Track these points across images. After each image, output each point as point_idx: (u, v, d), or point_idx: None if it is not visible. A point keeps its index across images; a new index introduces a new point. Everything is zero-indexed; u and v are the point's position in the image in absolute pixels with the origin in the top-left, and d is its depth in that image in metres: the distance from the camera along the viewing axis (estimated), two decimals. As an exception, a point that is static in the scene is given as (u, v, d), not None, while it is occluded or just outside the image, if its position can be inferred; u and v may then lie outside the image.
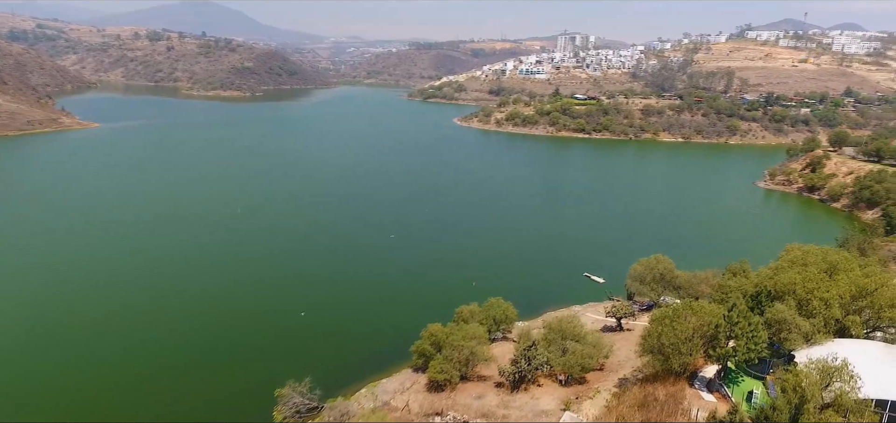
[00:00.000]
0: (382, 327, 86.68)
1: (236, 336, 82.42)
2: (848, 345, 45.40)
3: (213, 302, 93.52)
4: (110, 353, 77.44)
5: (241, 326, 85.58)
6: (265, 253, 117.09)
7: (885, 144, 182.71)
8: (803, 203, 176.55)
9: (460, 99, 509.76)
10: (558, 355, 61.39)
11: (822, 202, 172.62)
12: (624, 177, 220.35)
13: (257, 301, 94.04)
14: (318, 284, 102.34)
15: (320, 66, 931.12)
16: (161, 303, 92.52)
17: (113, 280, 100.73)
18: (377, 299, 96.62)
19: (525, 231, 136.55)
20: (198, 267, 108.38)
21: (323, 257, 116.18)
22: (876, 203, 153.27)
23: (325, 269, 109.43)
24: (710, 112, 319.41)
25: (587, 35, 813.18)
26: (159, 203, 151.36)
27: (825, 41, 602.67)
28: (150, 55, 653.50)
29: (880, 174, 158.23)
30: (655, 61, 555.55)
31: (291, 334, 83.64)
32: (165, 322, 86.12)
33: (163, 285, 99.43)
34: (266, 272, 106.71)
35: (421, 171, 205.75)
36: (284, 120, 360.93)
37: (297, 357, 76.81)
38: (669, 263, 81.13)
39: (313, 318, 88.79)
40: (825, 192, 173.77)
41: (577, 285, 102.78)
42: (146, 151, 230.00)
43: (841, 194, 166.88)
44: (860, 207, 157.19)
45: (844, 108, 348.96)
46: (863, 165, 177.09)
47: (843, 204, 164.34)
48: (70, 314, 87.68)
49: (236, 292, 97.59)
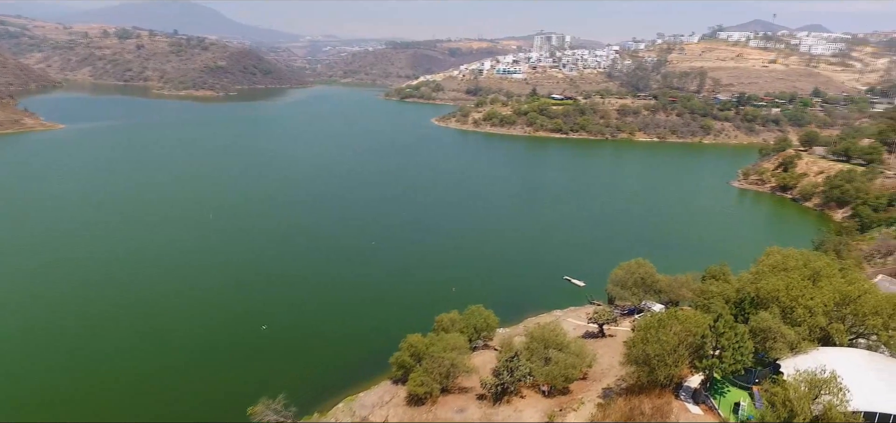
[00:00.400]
0: (360, 335, 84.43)
1: (205, 347, 79.24)
2: (832, 354, 45.00)
3: (179, 310, 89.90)
4: (66, 362, 73.82)
5: (210, 335, 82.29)
6: (237, 258, 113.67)
7: (853, 145, 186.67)
8: (776, 202, 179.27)
9: (438, 99, 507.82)
10: (541, 365, 60.12)
11: (794, 201, 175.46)
12: (601, 177, 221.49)
13: (228, 309, 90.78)
14: (292, 289, 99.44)
15: (296, 66, 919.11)
16: (121, 312, 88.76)
17: (71, 287, 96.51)
18: (354, 305, 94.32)
19: (504, 233, 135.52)
20: (164, 273, 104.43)
21: (298, 261, 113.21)
22: (846, 202, 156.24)
23: (300, 274, 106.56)
24: (685, 112, 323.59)
25: (563, 35, 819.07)
26: (126, 206, 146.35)
27: (793, 42, 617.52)
28: (119, 53, 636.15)
29: (850, 174, 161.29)
30: (630, 61, 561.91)
31: (264, 343, 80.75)
32: (124, 332, 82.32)
33: (125, 292, 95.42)
34: (238, 278, 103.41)
35: (398, 171, 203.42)
36: (259, 120, 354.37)
37: (271, 368, 74.12)
38: (650, 267, 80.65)
39: (288, 326, 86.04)
40: (797, 191, 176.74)
41: (557, 289, 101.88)
42: (113, 152, 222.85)
43: (812, 194, 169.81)
44: (831, 207, 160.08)
45: (813, 107, 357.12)
46: (833, 165, 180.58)
47: (815, 203, 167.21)
48: (15, 322, 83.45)
49: (206, 299, 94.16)
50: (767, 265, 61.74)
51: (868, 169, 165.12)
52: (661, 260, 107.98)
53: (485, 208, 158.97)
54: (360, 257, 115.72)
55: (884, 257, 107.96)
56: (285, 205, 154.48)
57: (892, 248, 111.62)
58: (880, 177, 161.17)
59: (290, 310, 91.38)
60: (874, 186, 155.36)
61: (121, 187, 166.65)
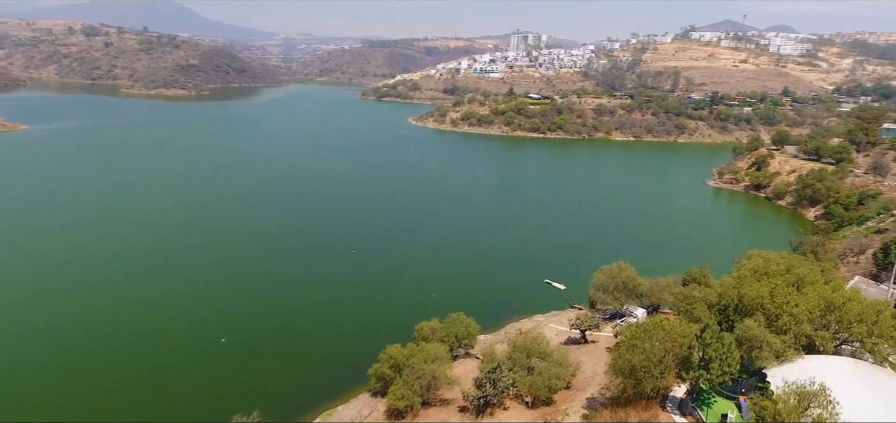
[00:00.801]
0: (337, 344, 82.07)
1: (175, 357, 75.91)
2: (819, 362, 44.61)
3: (142, 318, 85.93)
4: (25, 371, 70.00)
5: (180, 345, 78.92)
6: (208, 263, 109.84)
7: (823, 144, 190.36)
8: (750, 201, 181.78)
9: (415, 98, 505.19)
10: (524, 375, 58.78)
11: (767, 200, 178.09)
12: (579, 177, 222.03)
13: (197, 317, 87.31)
14: (264, 296, 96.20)
15: (270, 64, 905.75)
16: (85, 318, 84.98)
17: (30, 291, 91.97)
18: (331, 312, 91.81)
19: (483, 235, 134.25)
20: (128, 278, 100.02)
21: (271, 265, 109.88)
22: (818, 201, 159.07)
23: (273, 279, 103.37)
24: (660, 111, 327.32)
25: (539, 34, 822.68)
26: (91, 209, 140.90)
27: (762, 42, 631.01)
28: (86, 51, 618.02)
29: (821, 173, 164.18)
30: (606, 61, 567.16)
31: (236, 355, 77.79)
32: (87, 340, 78.63)
33: (89, 297, 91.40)
34: (208, 284, 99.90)
35: (375, 172, 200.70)
36: (232, 120, 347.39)
37: (244, 381, 71.38)
38: (632, 271, 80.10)
39: (260, 335, 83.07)
40: (770, 190, 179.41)
41: (538, 292, 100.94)
42: (80, 153, 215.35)
43: (785, 192, 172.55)
44: (804, 205, 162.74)
45: (783, 107, 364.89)
46: (804, 164, 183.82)
47: (788, 202, 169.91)
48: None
49: (176, 306, 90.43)
50: (749, 269, 61.46)
51: (838, 168, 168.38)
52: (641, 262, 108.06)
53: (464, 210, 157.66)
54: (337, 261, 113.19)
55: (856, 255, 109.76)
56: (258, 207, 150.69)
57: (865, 247, 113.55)
58: (850, 175, 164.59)
59: (262, 318, 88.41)
60: (845, 184, 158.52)
61: (86, 189, 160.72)
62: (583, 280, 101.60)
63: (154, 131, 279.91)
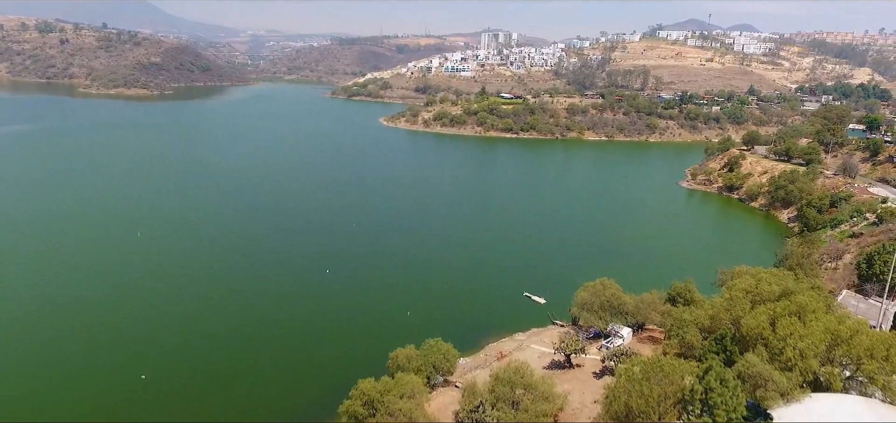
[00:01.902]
0: (305, 375, 76.25)
1: (124, 393, 69.02)
2: (828, 402, 41.54)
3: (82, 348, 78.34)
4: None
5: (129, 381, 71.82)
6: (166, 284, 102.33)
7: (793, 145, 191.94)
8: (724, 203, 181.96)
9: (386, 97, 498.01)
10: (508, 409, 54.49)
11: (740, 201, 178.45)
12: (554, 179, 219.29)
13: (152, 349, 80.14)
14: (224, 321, 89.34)
15: (237, 62, 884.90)
16: (16, 349, 77.22)
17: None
18: (297, 337, 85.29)
19: (459, 245, 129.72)
20: (81, 302, 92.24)
21: (235, 285, 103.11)
22: (790, 202, 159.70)
23: (238, 301, 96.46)
24: (631, 111, 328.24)
25: (510, 32, 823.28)
26: (33, 224, 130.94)
27: (727, 41, 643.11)
28: (40, 48, 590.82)
29: (793, 175, 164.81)
30: (576, 60, 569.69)
31: (197, 391, 71.49)
32: (15, 380, 71.18)
33: (26, 325, 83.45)
34: (165, 309, 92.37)
35: (347, 182, 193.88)
36: (193, 124, 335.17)
37: (203, 419, 65.36)
38: (616, 287, 76.74)
39: (220, 365, 76.77)
40: (743, 191, 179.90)
41: (517, 306, 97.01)
42: (25, 161, 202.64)
43: (758, 194, 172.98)
44: (777, 207, 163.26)
45: (750, 106, 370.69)
46: (775, 165, 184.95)
47: (761, 203, 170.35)
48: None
49: (129, 337, 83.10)
50: (740, 290, 58.49)
51: (809, 169, 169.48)
52: (620, 270, 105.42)
53: (438, 218, 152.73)
54: (308, 281, 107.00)
55: (834, 261, 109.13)
56: (222, 222, 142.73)
57: (841, 251, 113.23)
58: (821, 177, 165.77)
59: (224, 347, 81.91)
60: (816, 186, 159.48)
61: (26, 203, 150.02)
62: (563, 292, 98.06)
63: (106, 135, 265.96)
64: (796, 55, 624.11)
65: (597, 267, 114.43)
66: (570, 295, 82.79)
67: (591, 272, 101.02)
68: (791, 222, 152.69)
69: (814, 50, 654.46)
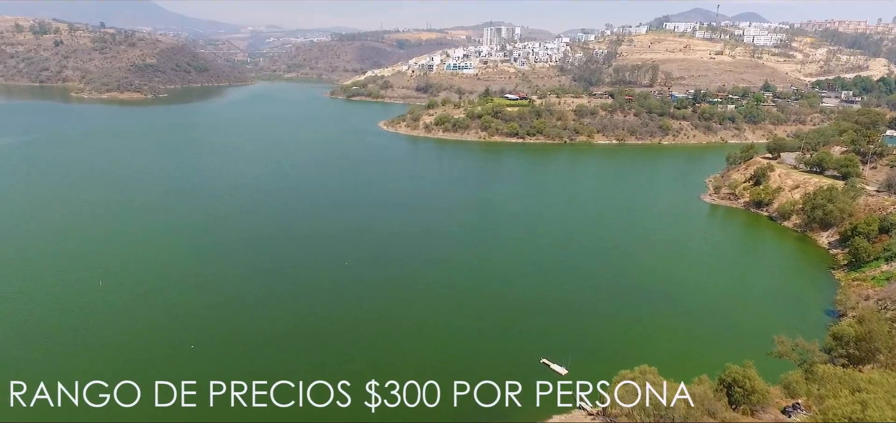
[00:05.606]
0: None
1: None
2: None
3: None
4: None
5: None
6: (133, 342, 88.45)
7: (826, 156, 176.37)
8: (751, 221, 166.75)
9: (386, 97, 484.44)
10: None
11: (771, 219, 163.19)
12: (563, 194, 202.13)
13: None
14: (205, 372, 75.71)
15: (236, 60, 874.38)
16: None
17: None
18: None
19: (465, 288, 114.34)
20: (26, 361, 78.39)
21: (214, 338, 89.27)
22: (829, 224, 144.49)
23: (217, 351, 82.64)
24: (642, 111, 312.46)
25: (512, 26, 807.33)
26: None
27: (736, 33, 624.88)
28: (34, 50, 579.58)
29: (830, 192, 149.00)
30: (581, 54, 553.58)
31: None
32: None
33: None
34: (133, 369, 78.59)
35: (345, 205, 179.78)
36: (179, 131, 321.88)
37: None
38: (656, 376, 62.28)
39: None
40: (774, 209, 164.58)
41: (533, 377, 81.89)
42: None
43: (791, 212, 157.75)
44: (813, 228, 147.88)
45: (765, 103, 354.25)
46: (808, 178, 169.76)
47: (794, 223, 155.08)
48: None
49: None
50: (841, 418, 43.98)
51: (848, 184, 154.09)
52: (647, 321, 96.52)
53: (440, 251, 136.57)
54: (292, 330, 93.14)
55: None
56: (205, 261, 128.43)
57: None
58: (862, 194, 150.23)
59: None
60: (859, 205, 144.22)
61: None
62: (585, 355, 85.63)
63: (89, 148, 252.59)
64: (809, 46, 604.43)
65: (621, 316, 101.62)
66: (595, 362, 72.22)
67: (616, 325, 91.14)
68: (832, 247, 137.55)
69: (826, 40, 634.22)
